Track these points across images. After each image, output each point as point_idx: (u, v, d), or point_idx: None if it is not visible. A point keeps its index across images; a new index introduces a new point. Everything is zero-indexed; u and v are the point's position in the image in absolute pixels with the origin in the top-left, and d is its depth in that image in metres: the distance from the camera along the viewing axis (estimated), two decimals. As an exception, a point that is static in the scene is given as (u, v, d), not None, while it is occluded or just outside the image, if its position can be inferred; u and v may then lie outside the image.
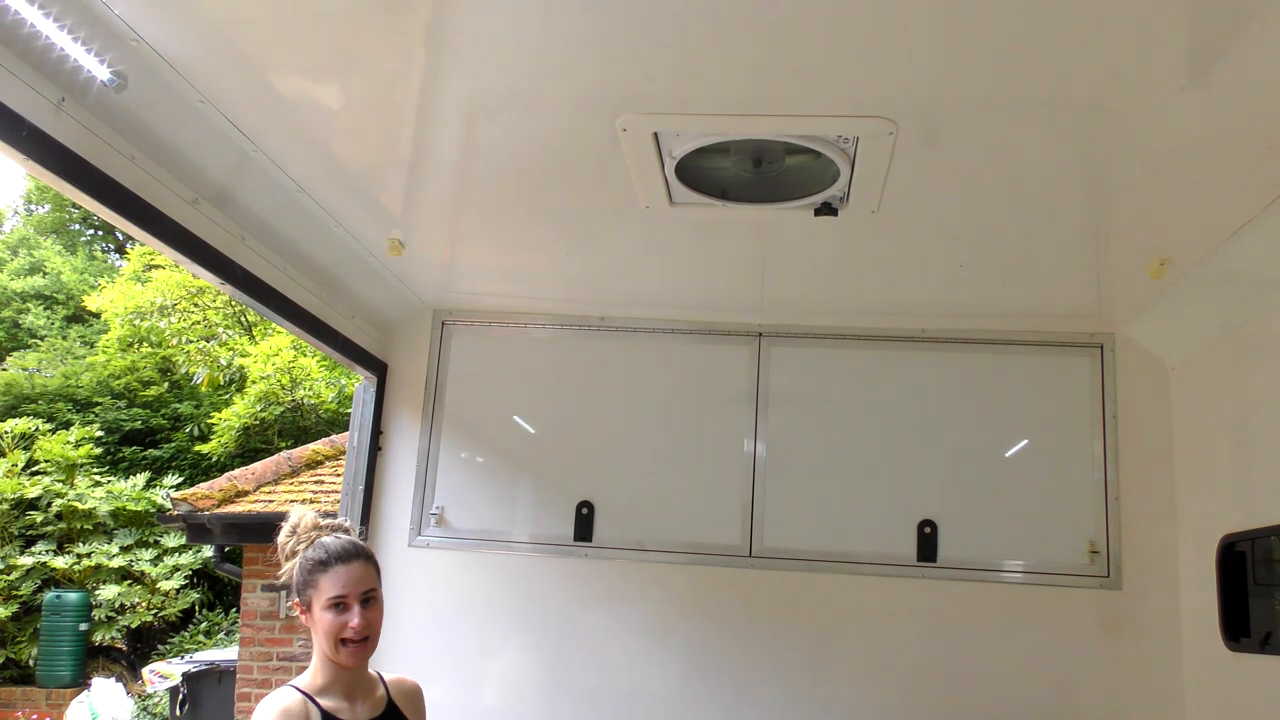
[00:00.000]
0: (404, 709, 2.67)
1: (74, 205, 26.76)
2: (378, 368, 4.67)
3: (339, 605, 2.46)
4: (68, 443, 15.09)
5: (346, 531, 2.63)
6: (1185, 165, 2.93)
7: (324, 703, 2.47)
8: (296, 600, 2.55)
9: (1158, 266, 3.62)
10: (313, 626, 2.51)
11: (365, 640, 2.48)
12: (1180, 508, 4.19)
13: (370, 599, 2.51)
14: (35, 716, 12.64)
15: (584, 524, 4.47)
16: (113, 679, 13.03)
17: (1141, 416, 4.31)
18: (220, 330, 18.38)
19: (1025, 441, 4.38)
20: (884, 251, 3.76)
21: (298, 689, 2.48)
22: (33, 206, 28.21)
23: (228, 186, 3.30)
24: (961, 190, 3.20)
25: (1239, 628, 3.72)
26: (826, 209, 3.25)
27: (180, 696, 9.39)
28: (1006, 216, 3.39)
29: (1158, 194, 3.14)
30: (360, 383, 4.77)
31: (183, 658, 10.27)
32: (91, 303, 19.68)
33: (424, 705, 2.77)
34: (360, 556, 2.54)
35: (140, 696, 12.57)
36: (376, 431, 4.64)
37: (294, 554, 2.58)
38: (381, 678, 2.67)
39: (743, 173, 3.22)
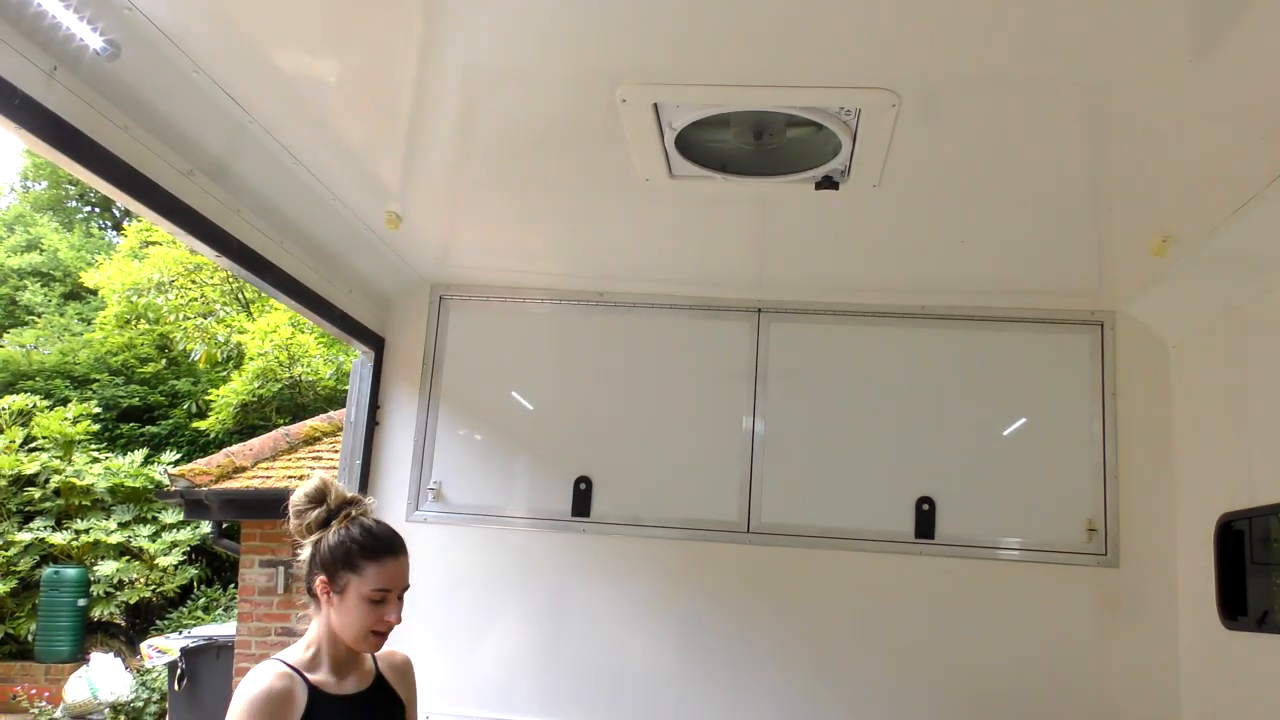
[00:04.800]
0: (393, 681, 2.64)
1: (70, 182, 26.65)
2: (375, 342, 4.65)
3: (381, 599, 2.44)
4: (65, 419, 15.08)
5: (369, 508, 2.57)
6: (1190, 141, 2.91)
7: (311, 677, 2.43)
8: (324, 578, 2.45)
9: (1160, 244, 3.59)
10: (336, 607, 2.44)
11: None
12: (1178, 486, 4.19)
13: (404, 594, 2.52)
14: (34, 691, 12.68)
15: (582, 499, 4.46)
16: (111, 654, 13.09)
17: (1141, 395, 4.30)
18: (218, 307, 18.34)
19: (1024, 419, 4.37)
20: (885, 226, 3.74)
21: (285, 663, 2.44)
22: (29, 183, 28.09)
23: (223, 158, 3.27)
24: (964, 165, 3.17)
25: (1236, 606, 3.73)
26: (827, 183, 3.23)
27: (179, 671, 9.42)
28: (1008, 192, 3.37)
29: (1161, 170, 3.12)
30: (358, 357, 4.75)
31: (181, 633, 10.30)
32: (89, 279, 19.62)
33: (414, 677, 2.73)
34: (405, 550, 2.54)
35: (139, 671, 12.62)
36: (374, 406, 4.63)
37: (320, 524, 2.48)
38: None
39: (743, 145, 3.19)
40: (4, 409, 15.31)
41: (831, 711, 4.23)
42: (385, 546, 2.48)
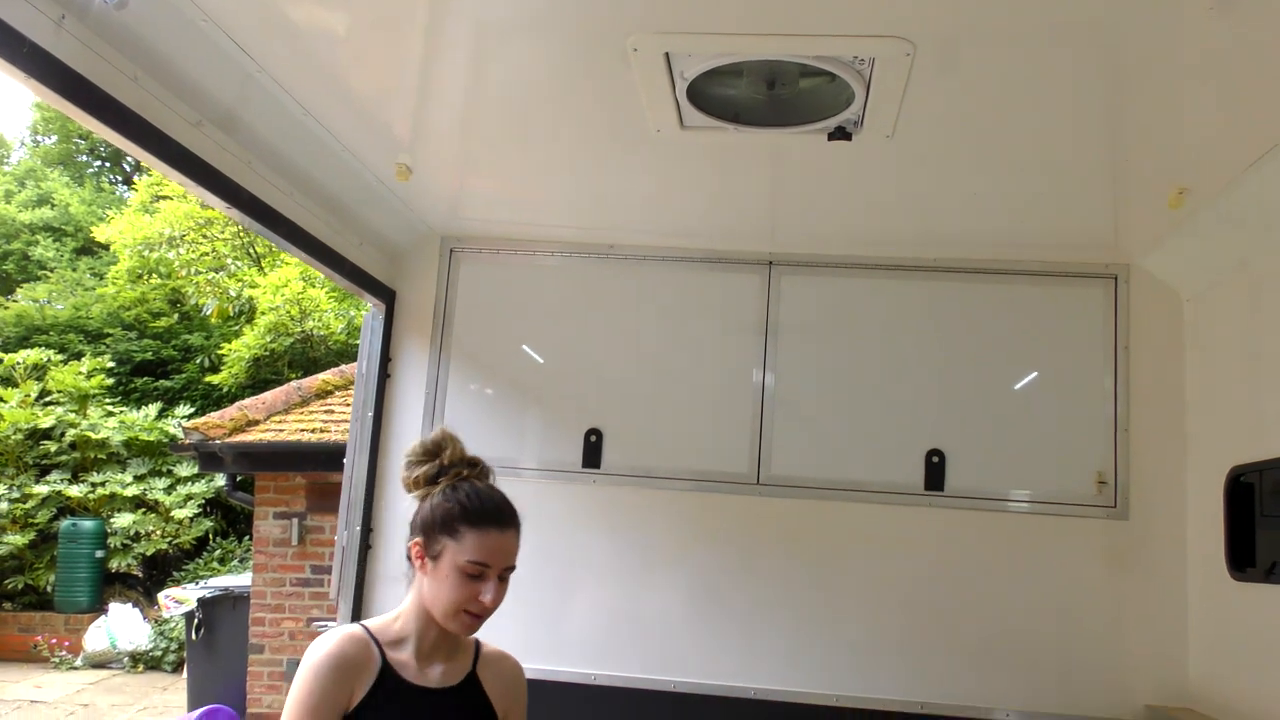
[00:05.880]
0: (489, 687, 2.32)
1: (81, 136, 26.61)
2: (386, 295, 4.66)
3: (477, 574, 2.16)
4: (80, 373, 15.19)
5: (487, 474, 2.32)
6: (1208, 92, 2.86)
7: (391, 654, 2.18)
8: (420, 540, 2.20)
9: (1176, 196, 3.56)
10: (430, 575, 2.18)
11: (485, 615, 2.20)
12: (1189, 439, 4.19)
13: (507, 575, 2.23)
14: (55, 641, 12.90)
15: (592, 451, 4.49)
16: (129, 604, 13.30)
17: (1154, 348, 4.28)
18: (229, 261, 18.36)
19: (1036, 372, 4.36)
20: (898, 178, 3.71)
21: (367, 629, 2.21)
22: (39, 138, 28.04)
23: (232, 109, 3.25)
24: (978, 115, 3.14)
25: (1245, 558, 3.75)
26: (840, 133, 3.20)
27: (196, 621, 9.56)
28: (1023, 143, 3.33)
29: (1178, 122, 3.08)
30: (369, 311, 4.76)
31: (198, 584, 10.44)
32: (100, 234, 19.64)
33: (524, 692, 2.41)
34: (516, 525, 2.26)
35: (157, 621, 12.83)
36: (385, 359, 4.65)
37: (429, 481, 2.24)
38: (478, 646, 2.38)
39: (755, 95, 3.16)
40: (19, 363, 15.42)
41: (840, 660, 4.27)
42: (492, 515, 2.21)
